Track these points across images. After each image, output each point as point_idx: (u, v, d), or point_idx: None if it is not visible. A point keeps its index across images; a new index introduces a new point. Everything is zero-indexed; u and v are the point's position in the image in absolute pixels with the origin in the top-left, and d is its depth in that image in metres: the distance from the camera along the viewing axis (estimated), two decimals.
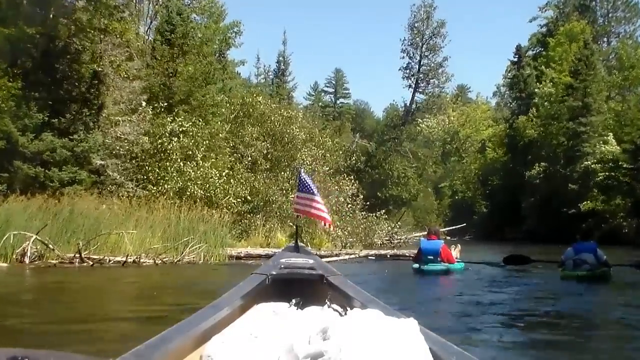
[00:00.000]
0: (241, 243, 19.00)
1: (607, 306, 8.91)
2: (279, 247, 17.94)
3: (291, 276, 2.72)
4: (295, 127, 26.59)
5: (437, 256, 12.61)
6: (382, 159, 42.55)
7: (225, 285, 4.82)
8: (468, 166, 68.31)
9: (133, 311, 7.85)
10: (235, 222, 20.38)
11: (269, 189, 21.79)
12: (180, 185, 19.30)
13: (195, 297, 8.55)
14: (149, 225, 15.32)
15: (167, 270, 13.83)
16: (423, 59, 48.02)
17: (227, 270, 14.26)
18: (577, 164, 44.07)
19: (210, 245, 15.61)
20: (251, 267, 14.40)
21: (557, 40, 54.96)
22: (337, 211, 25.67)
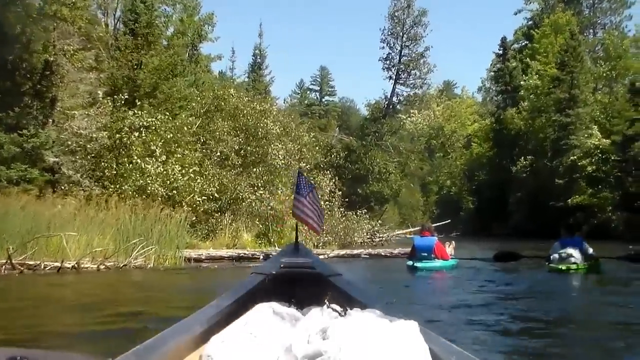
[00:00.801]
0: (206, 244, 17.63)
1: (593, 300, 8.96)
2: (244, 249, 16.64)
3: (291, 276, 2.66)
4: (269, 121, 25.24)
5: (430, 253, 12.57)
6: (363, 153, 40.34)
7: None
8: (454, 162, 67.56)
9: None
10: (202, 222, 19.08)
11: (237, 186, 20.37)
12: (140, 183, 17.88)
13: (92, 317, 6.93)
14: (98, 226, 13.86)
15: (106, 277, 12.37)
16: (404, 49, 45.93)
17: (170, 277, 12.88)
18: (564, 157, 43.17)
19: (165, 247, 14.12)
20: (206, 271, 13.54)
21: (542, 32, 54.01)
22: None
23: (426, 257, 12.56)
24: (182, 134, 20.86)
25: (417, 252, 12.77)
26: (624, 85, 45.86)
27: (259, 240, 17.89)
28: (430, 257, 12.56)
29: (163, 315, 6.57)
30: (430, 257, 12.56)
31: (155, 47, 23.47)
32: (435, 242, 12.82)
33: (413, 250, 13.06)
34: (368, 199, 38.70)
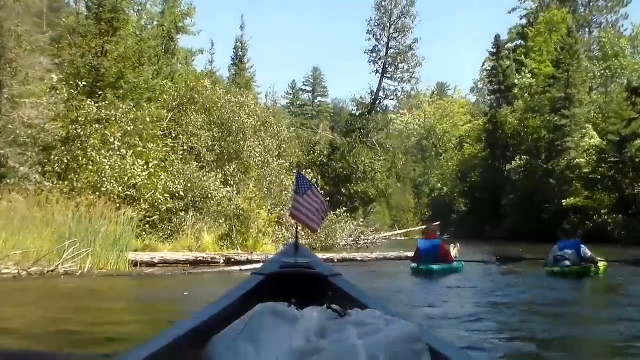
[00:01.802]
0: (165, 246, 15.91)
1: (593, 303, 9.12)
2: (204, 252, 14.98)
3: (291, 276, 2.56)
4: (244, 114, 23.64)
5: (435, 255, 12.45)
6: (347, 151, 37.90)
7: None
8: (446, 163, 66.48)
9: None
10: (164, 221, 17.44)
11: (205, 183, 18.64)
12: (95, 179, 16.20)
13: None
14: (36, 225, 12.17)
15: (15, 285, 10.48)
16: (391, 41, 43.51)
17: (92, 285, 10.81)
18: (559, 158, 42.00)
19: (108, 250, 12.38)
20: (149, 279, 11.75)
21: (537, 29, 52.70)
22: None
23: (431, 259, 12.41)
24: (146, 126, 19.21)
25: (422, 255, 12.63)
26: (620, 85, 44.83)
27: (222, 242, 16.18)
28: (435, 260, 12.42)
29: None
30: (434, 259, 12.42)
31: (121, 34, 21.83)
32: (440, 245, 12.71)
33: (417, 252, 12.87)
34: (352, 199, 36.68)
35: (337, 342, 1.54)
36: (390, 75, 43.31)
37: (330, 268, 2.74)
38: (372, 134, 40.40)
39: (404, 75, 43.07)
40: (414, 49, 42.95)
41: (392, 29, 42.37)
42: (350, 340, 1.53)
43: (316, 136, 39.89)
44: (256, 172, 22.74)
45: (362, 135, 39.29)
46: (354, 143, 37.83)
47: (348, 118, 46.17)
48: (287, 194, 23.11)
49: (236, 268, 12.78)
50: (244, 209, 16.47)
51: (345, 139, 39.65)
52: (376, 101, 43.18)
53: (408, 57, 42.99)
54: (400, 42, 42.90)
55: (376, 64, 44.68)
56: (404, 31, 42.58)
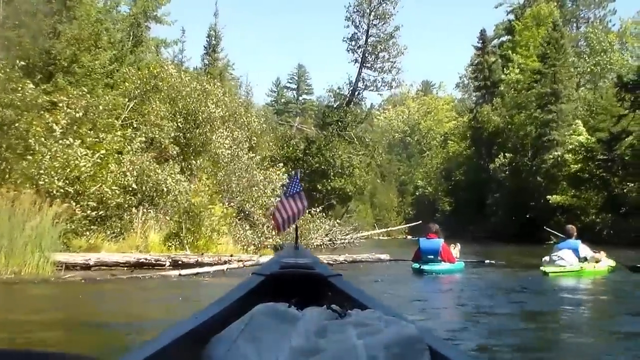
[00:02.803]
0: (110, 245, 14.07)
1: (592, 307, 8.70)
2: (149, 253, 13.20)
3: (291, 276, 2.51)
4: (211, 103, 22.00)
5: (437, 255, 12.37)
6: (323, 145, 35.36)
7: None
8: (430, 161, 65.44)
9: None
10: (112, 218, 15.65)
11: (159, 176, 16.77)
12: (31, 171, 14.38)
13: None
14: None
15: None
16: (371, 28, 40.40)
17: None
18: (546, 155, 40.85)
19: (26, 251, 10.54)
20: (65, 285, 10.07)
21: (524, 23, 51.47)
22: (262, 206, 21.41)
23: (432, 259, 12.35)
24: (99, 114, 17.45)
25: (423, 255, 12.53)
26: (609, 80, 43.82)
27: (169, 242, 14.33)
28: (437, 260, 12.35)
29: None
30: (436, 259, 12.35)
31: (74, 14, 20.04)
32: (442, 245, 12.57)
33: (418, 252, 12.78)
34: (329, 196, 34.52)
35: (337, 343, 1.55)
36: (370, 64, 40.64)
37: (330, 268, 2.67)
38: (351, 127, 38.09)
39: (385, 65, 40.34)
40: (395, 36, 40.16)
41: (372, 15, 39.95)
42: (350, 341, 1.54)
43: (292, 130, 37.63)
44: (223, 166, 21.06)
45: (339, 128, 36.84)
46: (330, 136, 35.28)
47: (325, 110, 43.76)
48: (257, 190, 21.59)
49: (176, 272, 10.98)
50: (194, 204, 14.61)
51: (322, 132, 37.22)
52: (355, 92, 40.50)
53: (389, 45, 40.23)
54: (380, 30, 40.17)
55: (355, 52, 42.01)
56: (384, 18, 39.91)
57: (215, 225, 14.61)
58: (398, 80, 41.36)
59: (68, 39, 19.57)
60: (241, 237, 17.20)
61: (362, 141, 38.51)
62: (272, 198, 22.00)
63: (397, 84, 40.95)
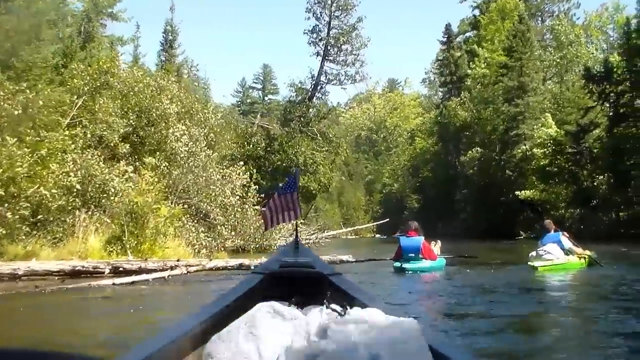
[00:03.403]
0: (48, 252, 12.71)
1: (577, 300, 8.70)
2: (86, 260, 11.88)
3: (291, 275, 2.64)
4: (166, 99, 20.81)
5: (418, 253, 12.23)
6: (285, 141, 33.69)
7: None
8: (396, 158, 64.80)
9: None
10: (53, 221, 14.31)
11: (106, 176, 15.40)
12: None
13: None
14: None
15: None
16: (333, 19, 39.05)
17: None
18: (514, 149, 40.37)
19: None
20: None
21: (489, 17, 50.99)
22: (221, 206, 20.27)
23: (413, 257, 12.19)
24: (39, 111, 16.07)
25: (404, 253, 12.33)
26: (575, 73, 43.50)
27: (110, 247, 12.98)
28: (418, 258, 12.20)
29: None
30: (417, 257, 12.20)
31: (13, 3, 18.63)
32: (422, 242, 12.39)
33: (399, 250, 12.56)
34: None
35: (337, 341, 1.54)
36: (333, 57, 39.23)
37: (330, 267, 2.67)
38: (314, 122, 36.70)
39: (348, 58, 39.01)
40: (358, 28, 38.84)
41: (334, 6, 38.41)
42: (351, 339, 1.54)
43: (253, 127, 36.10)
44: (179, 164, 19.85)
45: (302, 124, 35.34)
46: (293, 133, 33.69)
47: (286, 105, 42.21)
48: (214, 189, 20.43)
49: (110, 282, 9.58)
50: (138, 204, 13.27)
51: (284, 128, 35.62)
52: (317, 86, 38.90)
53: (352, 37, 38.84)
54: (342, 21, 38.61)
55: (317, 45, 40.46)
56: (346, 9, 38.23)
57: (161, 227, 13.30)
58: (362, 73, 39.97)
59: (6, 30, 18.17)
60: (194, 239, 15.95)
61: (326, 137, 37.11)
62: (232, 198, 20.88)
63: (361, 77, 39.48)
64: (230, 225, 20.69)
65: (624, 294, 9.03)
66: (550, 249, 11.81)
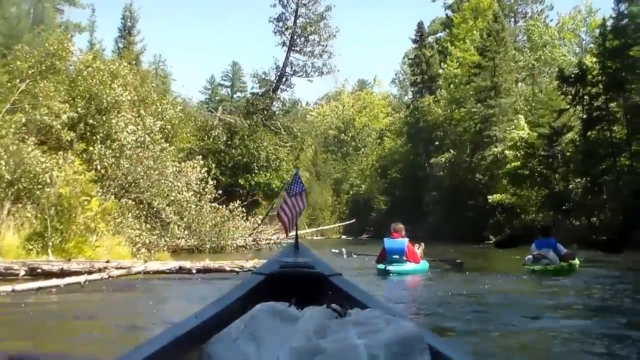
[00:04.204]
0: None
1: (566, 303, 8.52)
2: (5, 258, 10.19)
3: (291, 275, 2.48)
4: (118, 85, 19.26)
5: (402, 255, 12.11)
6: (247, 135, 31.85)
7: None
8: (365, 158, 63.69)
9: None
10: None
11: (40, 166, 13.70)
12: None
13: None
14: None
15: None
16: (300, 7, 37.18)
17: None
18: (485, 151, 39.56)
19: None
20: None
21: (462, 16, 50.06)
22: (172, 202, 18.77)
23: (397, 259, 12.05)
24: None
25: (388, 255, 12.17)
26: (549, 75, 42.81)
27: (30, 245, 11.26)
28: (402, 260, 12.06)
29: None
30: (401, 259, 12.07)
31: None
32: (407, 244, 12.27)
33: (383, 252, 12.41)
34: (253, 192, 31.24)
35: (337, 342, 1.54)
36: (299, 48, 37.38)
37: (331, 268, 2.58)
38: (277, 116, 34.91)
39: (315, 49, 37.33)
40: (326, 17, 36.96)
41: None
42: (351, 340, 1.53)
43: (215, 120, 34.17)
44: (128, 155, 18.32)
45: (265, 117, 33.45)
46: (255, 126, 31.78)
47: (249, 97, 40.13)
48: (166, 183, 18.91)
49: (9, 288, 7.81)
50: (64, 196, 11.57)
51: (245, 121, 33.69)
52: (282, 78, 36.96)
53: (319, 27, 36.98)
54: (310, 10, 36.61)
55: (283, 35, 38.30)
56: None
57: (91, 223, 11.62)
58: (329, 65, 38.18)
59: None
60: (136, 238, 14.33)
61: (290, 131, 35.36)
62: (186, 193, 19.34)
63: (328, 70, 37.66)
64: (185, 223, 19.17)
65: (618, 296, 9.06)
66: (545, 253, 12.05)
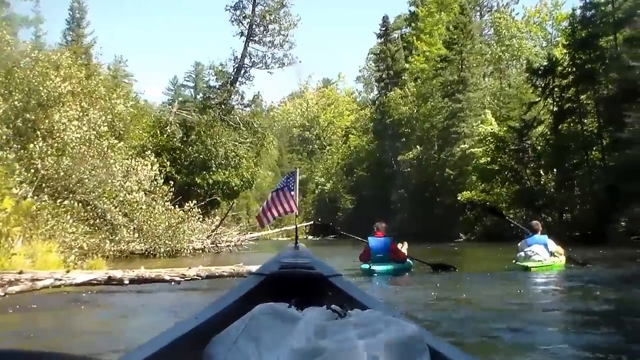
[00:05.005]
0: None
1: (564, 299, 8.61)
2: None
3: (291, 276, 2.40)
4: (57, 76, 17.68)
5: (387, 254, 11.84)
6: (204, 131, 29.96)
7: None
8: (330, 156, 62.62)
9: None
10: None
11: None
12: None
13: None
14: None
15: None
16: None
17: None
18: (454, 147, 38.69)
19: None
20: None
21: (427, 9, 49.15)
22: (122, 203, 17.23)
23: (382, 258, 11.83)
24: None
25: (372, 254, 11.93)
26: (517, 68, 42.10)
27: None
28: (386, 259, 11.84)
29: None
30: (385, 258, 11.84)
31: None
32: (391, 243, 12.11)
33: (367, 251, 12.20)
34: (211, 192, 29.30)
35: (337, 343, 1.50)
36: (259, 38, 35.42)
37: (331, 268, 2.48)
38: (236, 110, 32.94)
39: (275, 39, 35.41)
40: (286, 5, 34.85)
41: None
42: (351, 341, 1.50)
43: (170, 115, 32.16)
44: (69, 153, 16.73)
45: (222, 111, 31.57)
46: (212, 121, 29.80)
47: (205, 90, 38.14)
48: (114, 183, 17.32)
49: None
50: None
51: (202, 116, 31.74)
52: (241, 70, 34.98)
53: (279, 15, 35.08)
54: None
55: (240, 24, 35.96)
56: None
57: (2, 227, 9.91)
58: (291, 56, 36.26)
59: None
60: (71, 242, 12.68)
61: (250, 127, 33.49)
62: (136, 193, 17.76)
63: (289, 61, 35.68)
64: (135, 226, 17.57)
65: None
66: (537, 250, 11.94)
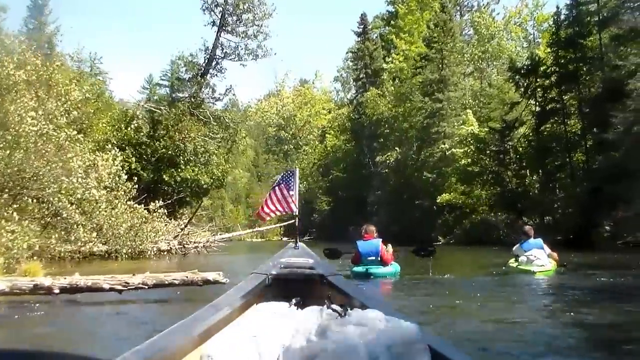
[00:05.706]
0: None
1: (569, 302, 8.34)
2: None
3: (291, 276, 2.68)
4: (12, 64, 16.28)
5: (377, 256, 11.56)
6: (171, 125, 28.01)
7: None
8: (306, 156, 61.66)
9: None
10: None
11: None
12: None
13: None
14: None
15: None
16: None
17: None
18: (433, 147, 37.92)
19: None
20: None
21: (407, 7, 48.22)
22: (80, 201, 15.89)
23: (373, 261, 11.57)
24: None
25: (363, 257, 11.66)
26: (497, 68, 41.37)
27: None
28: (377, 262, 11.56)
29: None
30: (376, 261, 11.56)
31: None
32: (381, 245, 11.77)
33: (357, 255, 11.90)
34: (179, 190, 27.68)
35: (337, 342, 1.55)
36: (231, 28, 33.58)
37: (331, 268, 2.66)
38: (207, 104, 31.33)
39: (249, 29, 33.63)
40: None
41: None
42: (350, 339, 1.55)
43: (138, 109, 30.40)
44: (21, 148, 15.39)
45: (192, 105, 29.84)
46: (181, 115, 28.18)
47: (174, 82, 36.51)
48: (73, 180, 15.96)
49: None
50: None
51: (171, 109, 30.41)
52: (212, 61, 33.19)
53: (253, 4, 33.27)
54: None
55: (212, 13, 33.89)
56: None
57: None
58: (265, 48, 34.49)
59: None
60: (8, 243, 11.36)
61: (221, 122, 31.88)
62: (95, 191, 16.39)
63: (264, 52, 33.97)
64: (93, 225, 16.24)
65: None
66: (536, 254, 11.86)
